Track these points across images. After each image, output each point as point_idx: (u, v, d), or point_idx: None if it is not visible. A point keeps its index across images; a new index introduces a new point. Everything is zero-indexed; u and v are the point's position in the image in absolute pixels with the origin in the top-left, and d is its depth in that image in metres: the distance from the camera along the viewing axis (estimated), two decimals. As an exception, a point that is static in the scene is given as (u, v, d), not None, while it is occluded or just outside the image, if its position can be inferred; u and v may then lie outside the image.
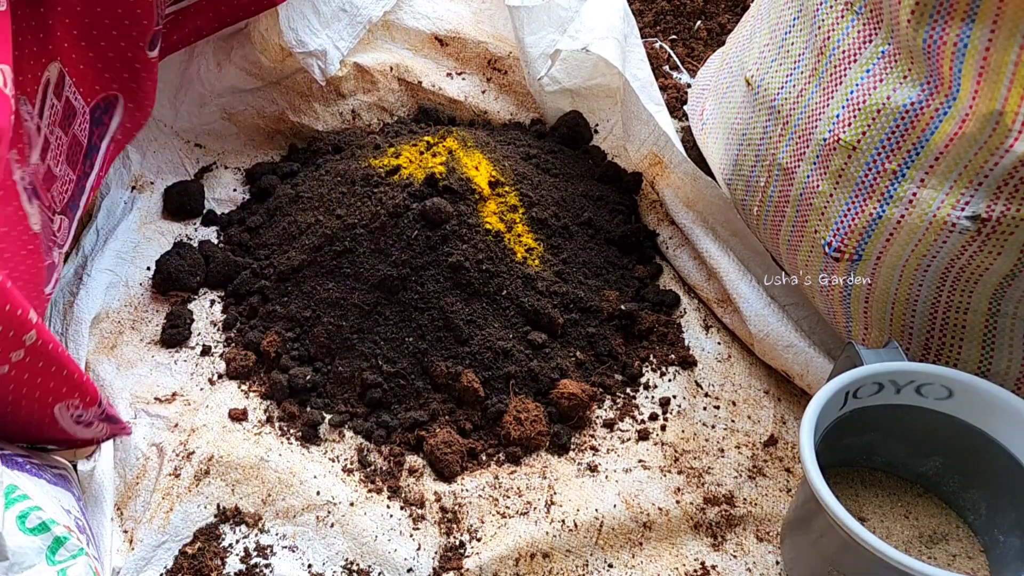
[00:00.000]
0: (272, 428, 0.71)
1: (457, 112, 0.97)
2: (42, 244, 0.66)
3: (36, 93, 0.66)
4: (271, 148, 0.95)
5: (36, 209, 0.65)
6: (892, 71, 0.59)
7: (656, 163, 0.89)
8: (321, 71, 0.91)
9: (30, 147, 0.65)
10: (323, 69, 0.92)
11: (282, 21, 0.88)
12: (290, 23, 0.88)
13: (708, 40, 1.11)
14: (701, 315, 0.82)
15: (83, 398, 0.59)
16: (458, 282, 0.75)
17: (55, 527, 0.50)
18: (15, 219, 0.62)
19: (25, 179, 0.63)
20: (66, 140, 0.71)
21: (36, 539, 0.49)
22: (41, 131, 0.67)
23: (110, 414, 0.62)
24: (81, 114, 0.72)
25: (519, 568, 0.64)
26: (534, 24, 0.92)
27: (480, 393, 0.72)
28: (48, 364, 0.55)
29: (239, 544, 0.64)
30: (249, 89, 0.92)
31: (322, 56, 0.91)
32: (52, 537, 0.49)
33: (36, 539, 0.49)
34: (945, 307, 0.61)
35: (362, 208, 0.79)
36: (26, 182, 0.64)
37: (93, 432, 0.63)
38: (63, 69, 0.69)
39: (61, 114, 0.70)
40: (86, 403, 0.59)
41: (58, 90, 0.69)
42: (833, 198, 0.64)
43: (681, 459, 0.71)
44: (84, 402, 0.59)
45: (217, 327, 0.78)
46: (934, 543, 0.64)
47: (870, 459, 0.68)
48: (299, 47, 0.89)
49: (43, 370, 0.55)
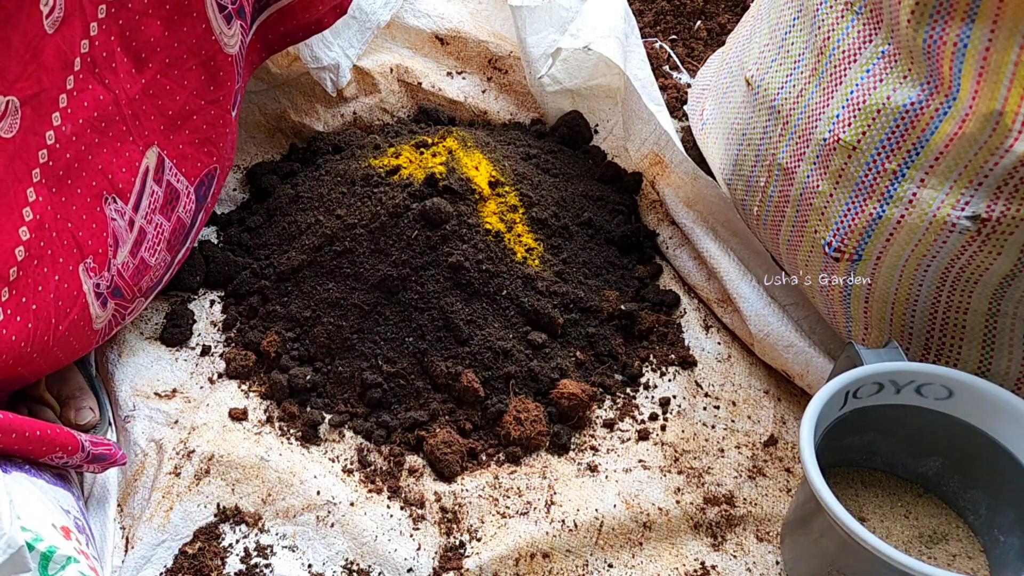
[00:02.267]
0: (272, 428, 0.71)
1: (457, 112, 0.97)
2: (98, 337, 0.66)
3: (132, 186, 0.64)
4: (271, 147, 0.95)
5: (109, 311, 0.65)
6: (892, 71, 0.59)
7: (657, 163, 0.89)
8: (333, 83, 0.92)
9: (116, 247, 0.63)
10: (335, 82, 0.92)
11: None
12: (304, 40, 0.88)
13: (708, 40, 1.11)
14: (701, 315, 0.82)
15: (64, 448, 0.58)
16: (458, 282, 0.75)
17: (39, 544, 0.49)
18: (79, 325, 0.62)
19: (101, 285, 0.63)
20: (168, 226, 0.69)
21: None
22: (135, 224, 0.65)
23: (96, 454, 0.61)
24: (185, 195, 0.70)
25: (519, 568, 0.64)
26: (536, 24, 0.92)
27: (480, 393, 0.72)
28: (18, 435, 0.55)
29: (239, 544, 0.64)
30: (253, 90, 0.92)
31: (335, 70, 0.91)
32: (39, 555, 0.49)
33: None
34: (945, 307, 0.61)
35: (362, 208, 0.79)
36: (102, 288, 0.63)
37: (87, 470, 0.63)
38: (161, 153, 0.66)
39: (163, 200, 0.67)
40: (68, 452, 0.59)
41: (158, 176, 0.66)
42: (833, 198, 0.64)
43: (681, 459, 0.71)
44: (66, 452, 0.58)
45: (217, 327, 0.78)
46: (934, 543, 0.64)
47: (870, 459, 0.68)
48: (314, 63, 0.89)
49: (16, 440, 0.55)
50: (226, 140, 0.73)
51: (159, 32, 0.63)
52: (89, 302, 0.62)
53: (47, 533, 0.51)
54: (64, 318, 0.60)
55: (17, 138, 0.55)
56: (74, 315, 0.61)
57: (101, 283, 0.63)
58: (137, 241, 0.65)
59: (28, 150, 0.56)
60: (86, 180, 0.60)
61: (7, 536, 0.46)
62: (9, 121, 0.54)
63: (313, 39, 0.87)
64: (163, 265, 0.70)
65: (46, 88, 0.56)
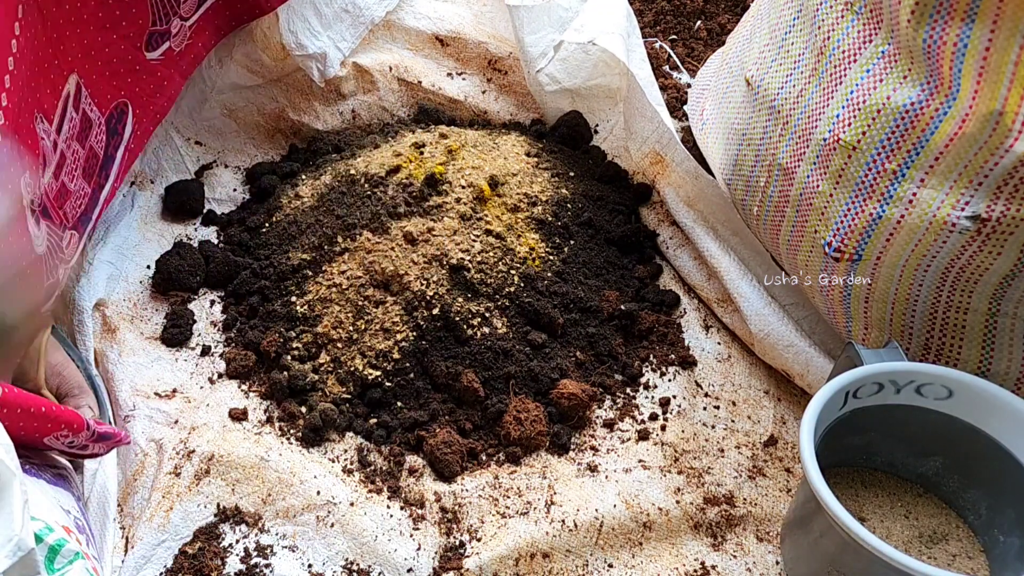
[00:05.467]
0: (272, 428, 0.71)
1: (457, 112, 0.97)
2: (44, 265, 0.65)
3: (55, 108, 0.65)
4: (271, 147, 0.95)
5: (43, 231, 0.64)
6: (892, 71, 0.59)
7: (657, 162, 0.89)
8: (320, 73, 0.91)
9: (44, 166, 0.64)
10: (322, 71, 0.92)
11: (282, 24, 0.88)
12: (290, 26, 0.88)
13: (708, 40, 1.11)
14: (701, 315, 0.82)
15: (69, 427, 0.58)
16: (458, 282, 0.75)
17: (48, 536, 0.49)
18: (18, 244, 0.61)
19: (35, 201, 0.62)
20: (83, 153, 0.70)
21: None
22: (58, 147, 0.66)
23: (101, 433, 0.60)
24: (97, 125, 0.71)
25: (519, 568, 0.64)
26: (534, 24, 0.92)
27: (480, 393, 0.72)
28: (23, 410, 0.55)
29: (239, 544, 0.64)
30: (250, 86, 0.92)
31: (321, 59, 0.91)
32: (47, 547, 0.49)
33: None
34: (945, 307, 0.61)
35: (362, 208, 0.79)
36: (36, 204, 0.63)
37: (91, 451, 0.63)
38: (80, 80, 0.68)
39: (79, 127, 0.69)
40: (74, 430, 0.58)
41: (76, 102, 0.68)
42: (833, 198, 0.64)
43: (681, 459, 0.71)
44: (72, 430, 0.58)
45: (217, 327, 0.78)
46: (934, 543, 0.64)
47: (870, 459, 0.68)
48: (298, 50, 0.89)
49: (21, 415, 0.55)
50: (141, 81, 0.75)
51: None
52: (27, 215, 0.61)
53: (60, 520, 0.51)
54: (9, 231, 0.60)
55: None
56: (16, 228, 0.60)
57: (34, 200, 0.63)
58: (59, 164, 0.66)
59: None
60: (26, 95, 0.61)
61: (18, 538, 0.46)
62: None
63: (298, 27, 0.88)
64: (83, 194, 0.71)
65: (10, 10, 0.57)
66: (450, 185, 0.80)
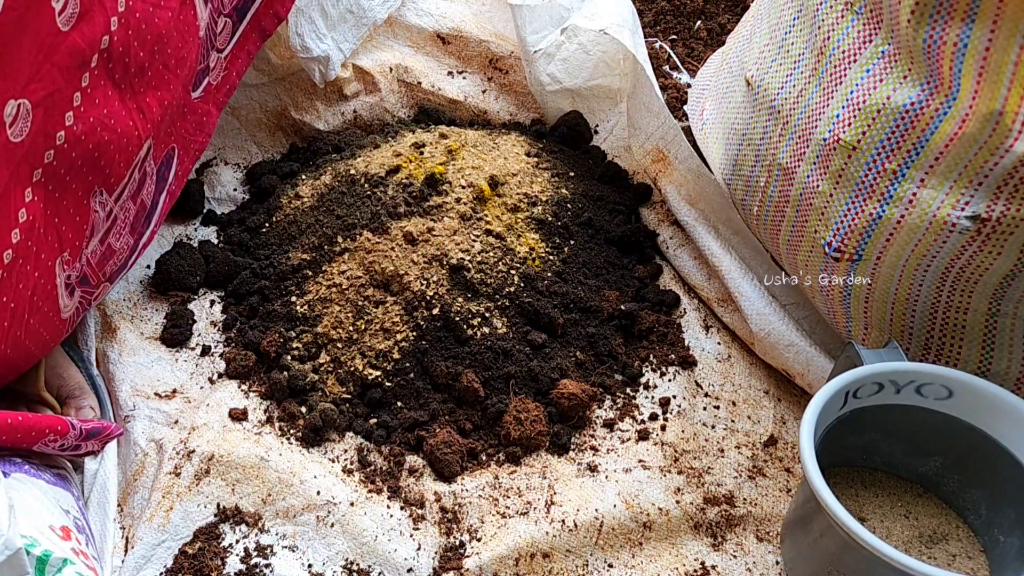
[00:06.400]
0: (272, 428, 0.71)
1: (457, 112, 0.97)
2: (67, 327, 0.65)
3: (123, 178, 0.62)
4: (272, 145, 0.95)
5: (75, 299, 0.63)
6: (892, 71, 0.59)
7: (660, 159, 0.88)
8: (322, 75, 0.92)
9: (90, 237, 0.61)
10: (323, 74, 0.92)
11: (290, 26, 0.87)
12: (297, 28, 0.88)
13: (708, 40, 1.11)
14: (701, 315, 0.82)
15: (54, 431, 0.57)
16: (458, 282, 0.75)
17: (35, 549, 0.49)
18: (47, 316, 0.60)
19: (72, 276, 0.61)
20: (134, 209, 0.66)
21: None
22: (112, 213, 0.63)
23: (89, 430, 0.60)
24: (150, 177, 0.67)
25: (519, 568, 0.64)
26: (536, 23, 0.92)
27: (480, 393, 0.72)
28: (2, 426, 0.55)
29: (239, 544, 0.64)
30: (254, 84, 0.92)
31: (324, 62, 0.91)
32: (35, 559, 0.49)
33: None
34: (945, 307, 0.61)
35: (362, 208, 0.79)
36: (72, 279, 0.61)
37: (85, 450, 0.62)
38: (151, 143, 0.64)
39: (136, 185, 0.65)
40: (60, 434, 0.58)
41: (141, 164, 0.64)
42: (833, 198, 0.64)
43: (681, 459, 0.71)
44: (57, 434, 0.58)
45: (217, 327, 0.78)
46: (934, 543, 0.64)
47: (870, 459, 0.68)
48: (303, 52, 0.89)
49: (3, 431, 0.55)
50: (186, 122, 0.71)
51: (167, 23, 0.61)
52: (59, 294, 0.60)
53: (43, 537, 0.51)
54: (36, 312, 0.58)
55: (26, 141, 0.52)
56: (44, 307, 0.59)
57: (72, 274, 0.61)
58: (107, 229, 0.63)
59: (35, 153, 0.54)
60: (84, 176, 0.58)
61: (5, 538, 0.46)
62: (20, 125, 0.52)
63: (305, 29, 0.87)
64: (127, 248, 0.68)
65: (60, 88, 0.53)
66: (450, 185, 0.80)
